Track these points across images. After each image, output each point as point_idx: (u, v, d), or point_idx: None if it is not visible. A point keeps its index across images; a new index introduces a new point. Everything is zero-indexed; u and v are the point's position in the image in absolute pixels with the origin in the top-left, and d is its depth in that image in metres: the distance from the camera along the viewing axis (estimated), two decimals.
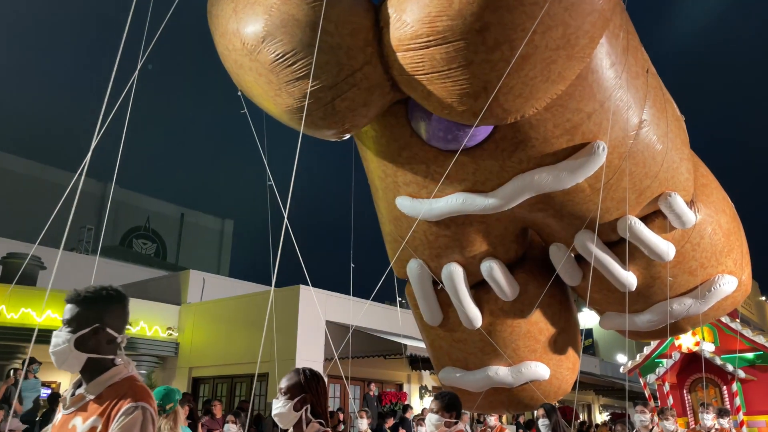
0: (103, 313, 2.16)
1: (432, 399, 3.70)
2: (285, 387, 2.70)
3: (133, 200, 34.94)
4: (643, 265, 4.71)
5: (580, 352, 5.59)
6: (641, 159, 4.30)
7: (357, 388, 14.92)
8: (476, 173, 4.24)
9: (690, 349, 9.59)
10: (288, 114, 3.71)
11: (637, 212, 4.58)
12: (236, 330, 13.60)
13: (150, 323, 14.69)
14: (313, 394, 2.69)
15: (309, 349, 13.53)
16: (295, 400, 2.64)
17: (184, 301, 15.96)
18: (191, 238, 36.85)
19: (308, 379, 2.73)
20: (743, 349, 9.83)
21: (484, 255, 4.75)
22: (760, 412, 9.37)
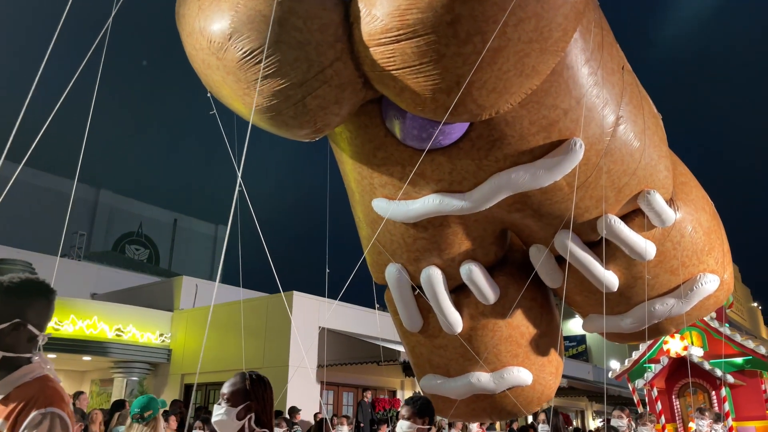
0: (26, 307, 1.97)
1: (402, 404, 3.49)
2: (228, 393, 2.49)
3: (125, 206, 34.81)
4: (624, 265, 4.66)
5: (562, 356, 5.51)
6: (619, 156, 4.26)
7: (350, 394, 14.88)
8: (453, 173, 4.17)
9: (678, 353, 9.50)
10: (258, 113, 3.62)
11: (616, 211, 4.53)
12: (229, 336, 13.55)
13: (142, 330, 14.62)
14: (259, 401, 2.49)
15: (302, 356, 13.49)
16: (238, 407, 2.44)
17: (176, 307, 15.90)
18: (184, 243, 36.71)
19: (254, 384, 2.52)
20: (732, 354, 9.75)
21: (464, 258, 4.68)
22: (749, 418, 9.28)
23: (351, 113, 3.88)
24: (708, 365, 9.24)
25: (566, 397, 19.83)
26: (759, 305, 38.52)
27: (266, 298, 14.54)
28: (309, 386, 13.29)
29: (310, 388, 13.29)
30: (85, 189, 33.48)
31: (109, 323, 13.94)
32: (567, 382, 16.66)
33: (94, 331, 13.71)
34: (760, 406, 9.40)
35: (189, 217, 38.18)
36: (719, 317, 9.72)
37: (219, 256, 36.07)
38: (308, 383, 13.36)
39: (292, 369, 13.05)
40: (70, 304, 14.04)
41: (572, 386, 16.96)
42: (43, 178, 31.44)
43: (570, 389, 17.06)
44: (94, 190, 33.62)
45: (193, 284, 16.60)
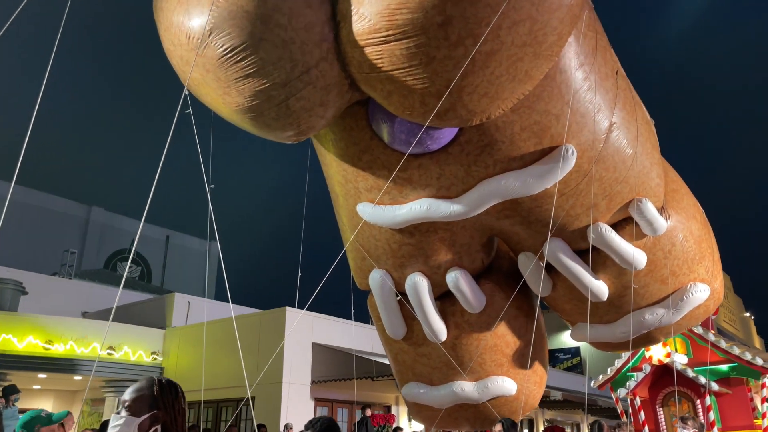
0: None
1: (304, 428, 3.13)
2: (130, 399, 2.09)
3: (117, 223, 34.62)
4: (614, 274, 4.58)
5: (546, 366, 5.44)
6: (611, 163, 4.17)
7: (344, 410, 14.76)
8: (441, 178, 4.05)
9: (661, 360, 9.30)
10: (238, 114, 3.47)
11: (607, 219, 4.44)
12: (223, 353, 13.46)
13: (134, 348, 14.48)
14: (168, 411, 2.12)
15: (296, 372, 13.40)
16: (142, 417, 2.05)
17: (168, 324, 15.77)
18: (176, 260, 36.51)
19: (163, 391, 2.13)
20: (718, 361, 9.57)
21: (450, 265, 4.57)
22: (736, 428, 9.11)
23: (336, 116, 3.76)
24: (692, 372, 9.05)
25: (562, 410, 19.77)
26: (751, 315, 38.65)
27: (259, 314, 14.44)
28: (303, 402, 13.19)
29: (304, 404, 13.19)
30: (76, 207, 33.33)
31: (100, 342, 13.81)
32: (562, 395, 16.59)
33: (86, 350, 13.56)
34: (746, 414, 9.20)
35: (181, 234, 38.03)
36: (705, 324, 9.54)
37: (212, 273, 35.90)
38: (302, 399, 13.26)
39: (286, 385, 12.96)
40: (61, 322, 13.90)
41: (567, 399, 16.89)
42: (34, 196, 31.26)
43: (565, 402, 16.99)
44: (85, 207, 33.45)
45: (186, 301, 16.50)
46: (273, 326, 13.59)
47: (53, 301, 16.63)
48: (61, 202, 32.43)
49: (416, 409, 5.35)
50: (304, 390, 13.48)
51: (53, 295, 17.19)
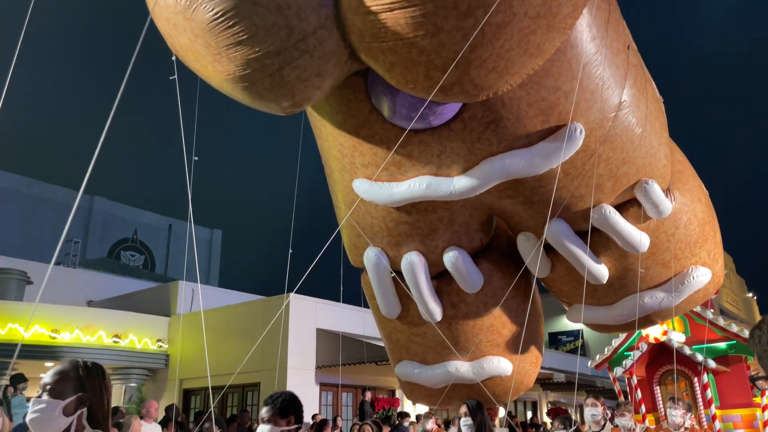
0: None
1: (263, 404, 3.00)
2: (52, 382, 1.99)
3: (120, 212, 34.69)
4: (615, 256, 4.46)
5: (542, 347, 5.36)
6: (619, 143, 3.99)
7: (349, 395, 14.88)
8: (442, 156, 3.88)
9: (658, 339, 9.20)
10: (229, 83, 3.25)
11: (611, 200, 4.29)
12: (227, 340, 13.54)
13: (139, 335, 14.56)
14: (94, 393, 2.03)
15: (300, 358, 13.49)
16: (66, 400, 1.96)
17: (173, 312, 15.85)
18: (180, 248, 36.63)
19: (88, 373, 2.05)
20: (716, 339, 9.47)
21: (447, 244, 4.43)
22: (734, 406, 9.04)
23: (334, 87, 3.55)
24: (689, 350, 8.97)
25: (565, 392, 19.90)
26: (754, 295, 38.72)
27: (263, 300, 14.52)
28: (308, 387, 13.29)
29: (310, 389, 13.30)
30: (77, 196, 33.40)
31: (106, 330, 13.90)
32: (565, 377, 16.70)
33: (92, 338, 13.66)
34: (745, 392, 9.13)
35: (184, 222, 38.11)
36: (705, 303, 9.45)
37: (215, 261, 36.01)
38: (307, 384, 13.36)
39: (291, 371, 13.05)
40: (67, 311, 13.99)
41: (570, 381, 17.00)
42: (36, 187, 31.31)
43: (568, 384, 17.11)
44: (88, 197, 33.51)
45: (190, 289, 16.58)
46: (277, 312, 13.66)
47: (59, 291, 16.72)
48: (62, 192, 32.48)
49: (409, 388, 5.30)
50: (309, 375, 13.58)
51: (58, 284, 17.28)
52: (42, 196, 31.11)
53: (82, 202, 32.70)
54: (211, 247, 38.80)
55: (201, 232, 38.80)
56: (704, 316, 9.49)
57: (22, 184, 30.74)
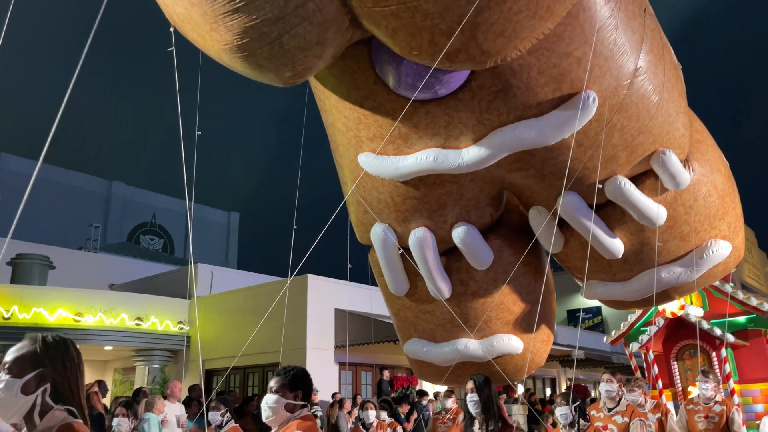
0: None
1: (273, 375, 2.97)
2: (10, 361, 1.88)
3: (138, 197, 35.07)
4: (631, 230, 4.30)
5: (554, 324, 5.25)
6: (634, 112, 3.83)
7: (368, 374, 15.00)
8: (449, 127, 3.74)
9: (675, 314, 8.98)
10: (227, 53, 3.15)
11: (627, 172, 4.14)
12: (246, 321, 13.70)
13: (161, 318, 14.78)
14: (57, 369, 1.90)
15: (319, 337, 13.59)
16: (23, 379, 1.84)
17: (193, 294, 16.08)
18: (198, 232, 37.02)
19: (48, 348, 1.92)
20: (735, 313, 9.29)
21: (456, 219, 4.30)
22: (754, 380, 8.88)
23: (335, 56, 3.44)
24: (707, 325, 8.79)
25: (583, 368, 19.86)
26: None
27: (281, 282, 14.64)
28: (327, 367, 13.42)
29: (329, 368, 13.43)
30: (97, 182, 33.82)
31: (128, 313, 14.13)
32: (584, 353, 16.66)
33: (114, 321, 13.90)
34: (764, 367, 8.95)
35: (202, 206, 38.45)
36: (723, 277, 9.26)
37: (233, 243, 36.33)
38: (326, 364, 13.49)
39: (310, 351, 13.17)
40: (89, 295, 14.23)
41: (589, 357, 16.97)
42: (56, 173, 31.76)
43: (587, 360, 17.07)
44: (107, 182, 33.93)
45: (209, 271, 16.76)
46: (295, 293, 13.76)
47: (81, 275, 17.00)
48: (83, 178, 32.93)
49: (418, 366, 5.23)
50: (328, 355, 13.70)
51: (80, 268, 17.56)
52: (62, 182, 31.57)
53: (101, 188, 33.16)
54: (228, 230, 39.14)
55: (218, 216, 39.16)
56: (723, 289, 9.32)
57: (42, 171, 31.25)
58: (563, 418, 4.54)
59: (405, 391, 14.08)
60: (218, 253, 36.12)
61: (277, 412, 2.79)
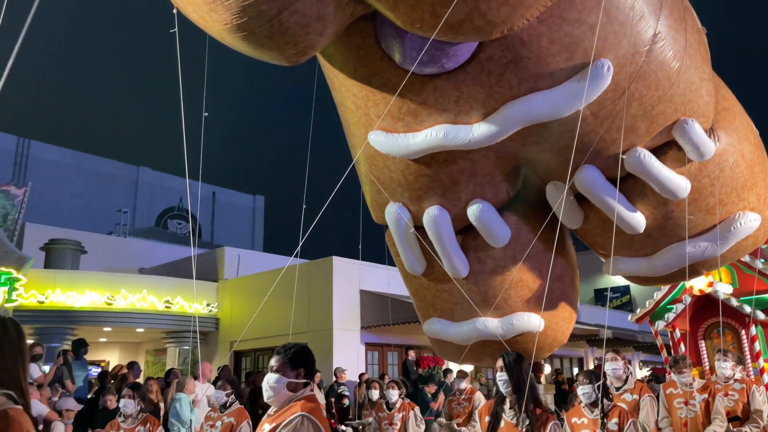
0: None
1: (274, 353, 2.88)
2: None
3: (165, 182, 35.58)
4: (653, 203, 4.16)
5: (576, 302, 5.10)
6: (654, 80, 3.67)
7: (395, 354, 15.09)
8: (459, 102, 3.65)
9: (703, 291, 8.71)
10: (228, 33, 3.13)
11: (646, 143, 3.98)
12: (273, 303, 13.87)
13: (190, 300, 15.07)
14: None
15: (345, 319, 13.69)
16: None
17: (221, 277, 16.31)
18: (224, 215, 37.48)
19: None
20: (765, 290, 8.94)
21: (471, 197, 4.22)
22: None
23: (338, 32, 3.38)
24: (736, 302, 8.49)
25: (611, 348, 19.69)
26: None
27: (307, 264, 14.76)
28: (353, 348, 13.53)
29: (355, 349, 13.53)
30: (125, 168, 34.43)
31: (158, 296, 14.40)
32: (612, 333, 16.50)
33: (145, 304, 14.20)
34: None
35: (227, 189, 38.87)
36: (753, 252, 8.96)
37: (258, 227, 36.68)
38: (352, 345, 13.60)
39: (336, 332, 13.28)
40: (120, 279, 14.56)
41: (617, 337, 16.79)
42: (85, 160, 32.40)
43: (615, 340, 16.90)
44: (134, 168, 34.49)
45: (236, 254, 16.97)
46: (321, 275, 13.84)
47: (112, 259, 17.37)
48: (111, 165, 33.55)
49: (438, 346, 5.17)
50: (354, 336, 13.80)
51: (111, 253, 17.95)
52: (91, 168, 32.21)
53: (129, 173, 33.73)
54: (254, 213, 39.53)
55: (244, 199, 39.57)
56: (753, 266, 9.03)
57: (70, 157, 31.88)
58: (585, 398, 4.46)
59: (431, 370, 14.13)
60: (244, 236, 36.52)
61: (279, 391, 2.70)
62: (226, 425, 5.17)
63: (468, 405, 7.48)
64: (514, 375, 4.07)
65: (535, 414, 3.70)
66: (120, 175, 33.71)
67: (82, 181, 30.90)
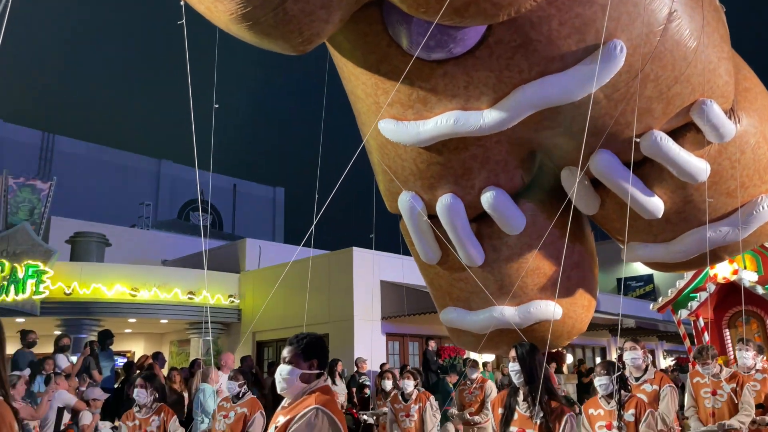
0: None
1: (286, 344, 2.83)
2: None
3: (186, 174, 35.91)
4: (671, 187, 4.06)
5: (595, 289, 5.01)
6: (669, 60, 3.57)
7: (415, 344, 15.10)
8: (469, 87, 3.59)
9: (727, 278, 8.58)
10: (234, 23, 3.13)
11: (663, 125, 3.88)
12: (294, 294, 13.96)
13: (212, 292, 15.22)
14: None
15: (366, 309, 13.73)
16: None
17: (242, 269, 16.44)
18: (245, 207, 37.73)
19: None
20: None
21: (484, 184, 4.16)
22: None
23: (345, 19, 3.35)
24: (762, 290, 8.30)
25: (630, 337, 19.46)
26: None
27: (327, 255, 14.81)
28: (374, 338, 13.57)
29: (376, 339, 13.58)
30: (147, 161, 34.84)
31: (181, 287, 14.57)
32: (635, 322, 16.30)
33: (168, 296, 14.38)
34: None
35: (247, 182, 39.11)
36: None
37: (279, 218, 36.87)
38: (374, 335, 13.64)
39: (357, 323, 13.33)
40: (144, 271, 14.76)
41: (641, 326, 16.58)
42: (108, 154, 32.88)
43: (638, 329, 16.70)
44: (156, 161, 34.87)
45: (257, 246, 17.08)
46: (341, 266, 13.89)
47: (135, 251, 17.61)
48: (133, 158, 33.98)
49: (455, 335, 5.14)
50: (375, 326, 13.84)
51: (134, 245, 18.20)
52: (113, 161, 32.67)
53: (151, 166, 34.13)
54: (275, 205, 39.74)
55: (264, 191, 39.76)
56: None
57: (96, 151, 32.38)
58: (603, 389, 4.36)
59: (452, 360, 14.12)
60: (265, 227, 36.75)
61: (292, 383, 2.66)
62: (239, 416, 5.15)
63: (480, 393, 7.42)
64: (526, 366, 3.89)
65: (550, 406, 3.59)
66: (142, 169, 34.15)
67: (105, 175, 31.37)
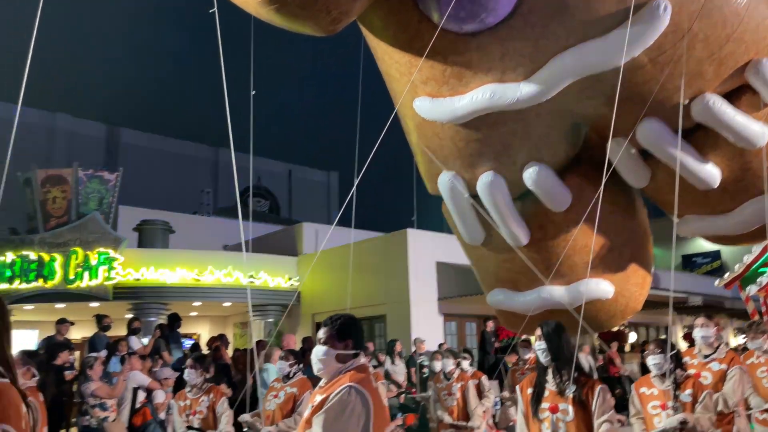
0: None
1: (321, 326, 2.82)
2: None
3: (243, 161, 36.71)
4: (728, 154, 3.82)
5: (650, 265, 4.76)
6: (719, 18, 3.36)
7: (473, 324, 15.08)
8: (504, 59, 3.45)
9: None
10: (262, 6, 3.12)
11: (716, 88, 3.65)
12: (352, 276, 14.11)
13: (272, 275, 15.59)
14: None
15: (422, 290, 13.78)
16: None
17: (300, 252, 16.77)
18: (300, 192, 38.29)
19: None
20: None
21: (526, 160, 3.98)
22: None
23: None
24: None
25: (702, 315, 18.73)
26: None
27: (382, 237, 14.91)
28: (432, 318, 13.62)
29: (433, 320, 13.63)
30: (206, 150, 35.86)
31: (242, 271, 14.99)
32: (702, 299, 15.71)
33: (230, 279, 14.83)
34: None
35: (302, 167, 39.65)
36: None
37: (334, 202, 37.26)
38: (431, 316, 13.69)
39: (414, 304, 13.40)
40: (207, 256, 15.28)
41: (708, 304, 15.94)
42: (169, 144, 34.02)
43: (705, 307, 16.07)
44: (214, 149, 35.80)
45: (313, 230, 17.37)
46: (396, 248, 13.97)
47: (198, 237, 18.21)
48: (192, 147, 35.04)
49: (504, 317, 5.02)
50: (432, 307, 13.89)
51: (197, 231, 18.82)
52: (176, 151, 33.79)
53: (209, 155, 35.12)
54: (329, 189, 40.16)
55: (318, 176, 40.22)
56: None
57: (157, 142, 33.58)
58: (656, 368, 4.18)
59: (510, 341, 13.99)
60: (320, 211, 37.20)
61: (328, 364, 2.70)
62: (289, 395, 5.23)
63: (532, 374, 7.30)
64: (553, 343, 3.71)
65: (580, 380, 3.50)
66: (201, 157, 35.06)
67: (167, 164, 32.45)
